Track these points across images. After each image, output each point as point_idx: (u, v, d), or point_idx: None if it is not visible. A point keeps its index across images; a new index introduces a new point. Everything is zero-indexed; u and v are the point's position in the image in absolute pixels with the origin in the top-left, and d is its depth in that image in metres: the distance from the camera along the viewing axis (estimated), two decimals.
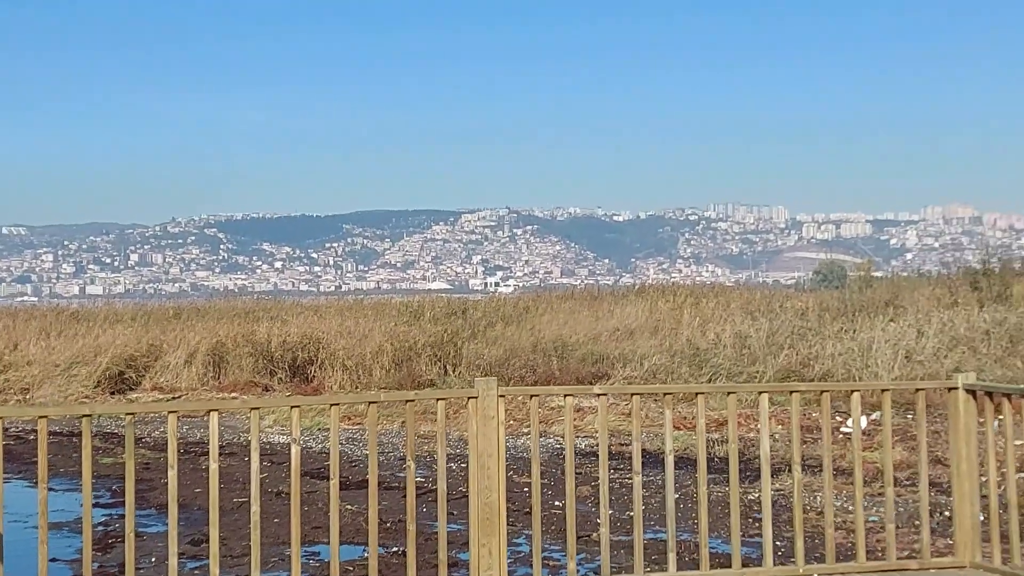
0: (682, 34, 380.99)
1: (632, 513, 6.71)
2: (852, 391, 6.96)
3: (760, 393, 6.56)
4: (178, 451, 17.53)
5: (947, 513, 10.49)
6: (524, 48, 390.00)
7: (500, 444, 6.08)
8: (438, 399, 6.22)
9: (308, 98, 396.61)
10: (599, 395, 6.33)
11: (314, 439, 18.44)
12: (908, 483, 11.35)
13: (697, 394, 6.33)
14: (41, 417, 5.73)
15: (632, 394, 6.41)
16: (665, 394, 6.29)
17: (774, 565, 6.90)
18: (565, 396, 6.43)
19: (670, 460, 6.41)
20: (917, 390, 7.27)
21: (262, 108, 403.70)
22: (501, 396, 6.16)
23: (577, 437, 17.08)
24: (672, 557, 6.56)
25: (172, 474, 5.68)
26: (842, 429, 15.54)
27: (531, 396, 6.39)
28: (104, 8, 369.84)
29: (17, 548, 7.81)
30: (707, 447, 14.34)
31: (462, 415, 16.07)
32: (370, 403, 6.26)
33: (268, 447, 17.71)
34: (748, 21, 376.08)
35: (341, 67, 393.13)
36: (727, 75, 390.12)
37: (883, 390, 7.00)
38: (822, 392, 6.91)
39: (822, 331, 23.28)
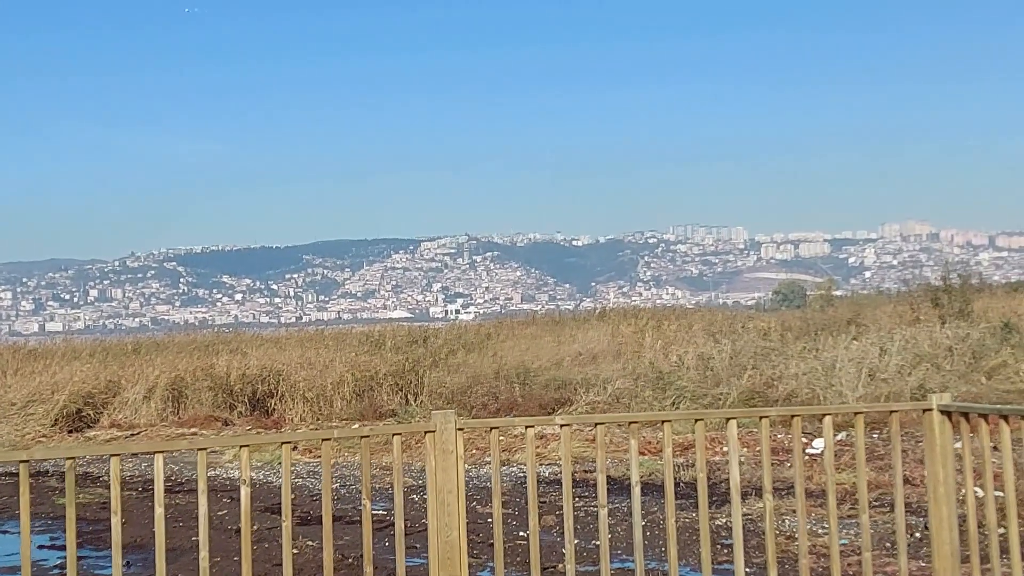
0: (637, 56, 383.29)
1: (599, 543, 6.50)
2: (824, 415, 6.74)
3: (728, 419, 6.35)
4: (136, 489, 17.13)
5: (918, 535, 10.37)
6: (478, 74, 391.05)
7: (460, 480, 5.84)
8: (393, 434, 5.95)
9: (264, 129, 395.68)
10: (562, 426, 6.10)
11: (275, 473, 18.12)
12: (877, 504, 11.23)
13: (663, 422, 6.11)
14: None
15: (596, 424, 6.19)
16: (630, 423, 6.06)
17: None
18: (527, 428, 6.19)
19: (636, 491, 6.20)
20: (892, 412, 7.05)
21: (218, 140, 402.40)
22: (460, 429, 5.88)
23: (541, 465, 16.89)
24: None
25: (115, 520, 5.43)
26: (808, 451, 15.43)
27: (490, 428, 6.12)
28: (55, 43, 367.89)
29: None
30: (673, 472, 14.15)
31: (423, 444, 15.89)
32: (323, 440, 6.02)
33: (228, 483, 17.41)
34: (702, 42, 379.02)
35: (295, 96, 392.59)
36: (682, 97, 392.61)
37: (856, 413, 6.80)
38: (792, 416, 6.69)
39: (785, 351, 23.22)
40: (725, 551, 10.04)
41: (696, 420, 6.27)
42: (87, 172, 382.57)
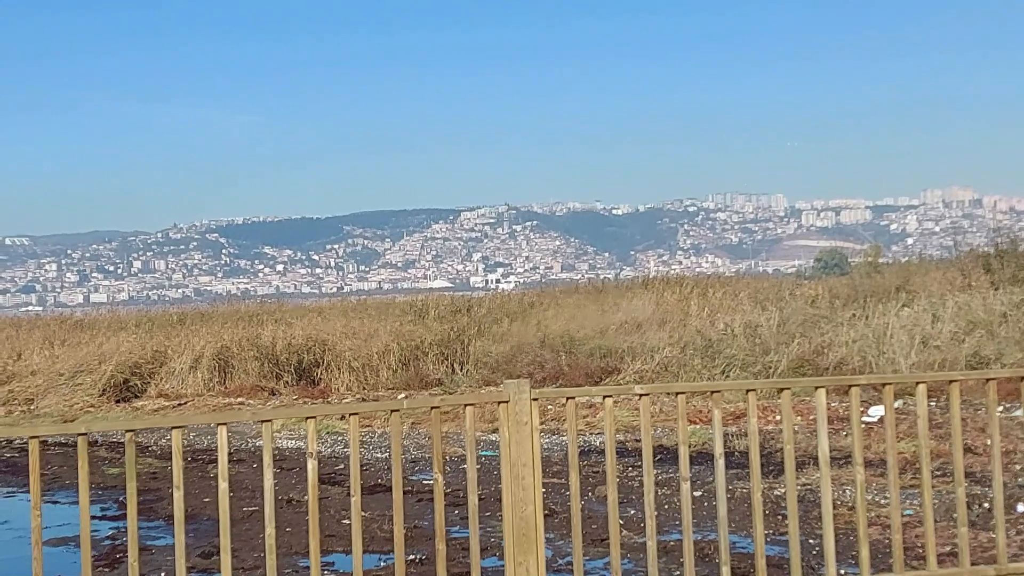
0: (679, 29, 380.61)
1: (656, 512, 6.33)
2: (884, 384, 6.52)
3: (817, 388, 6.13)
4: (186, 459, 17.18)
5: (986, 505, 10.17)
6: (518, 47, 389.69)
7: (535, 452, 5.65)
8: (466, 405, 5.76)
9: (305, 102, 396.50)
10: (641, 395, 5.92)
11: (323, 443, 18.09)
12: (940, 474, 11.01)
13: (748, 391, 5.93)
14: (32, 438, 5.37)
15: (677, 393, 6.01)
16: (712, 392, 5.88)
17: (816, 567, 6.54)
18: (604, 397, 6.00)
19: (720, 464, 6.02)
20: (951, 381, 6.79)
21: (259, 113, 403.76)
22: (534, 400, 5.68)
23: (591, 434, 16.76)
24: (726, 571, 6.15)
25: (178, 496, 5.34)
26: (864, 419, 15.22)
27: (567, 399, 5.93)
28: (97, 19, 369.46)
29: (20, 566, 7.51)
30: (726, 441, 13.97)
31: (479, 413, 15.78)
32: (392, 411, 5.87)
33: (277, 452, 17.31)
34: (743, 14, 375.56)
35: (337, 69, 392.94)
36: (721, 67, 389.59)
37: (918, 382, 6.58)
38: (851, 387, 6.47)
39: (834, 318, 22.92)
40: (783, 521, 9.89)
41: (781, 389, 6.07)
42: (130, 145, 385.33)
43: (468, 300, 38.87)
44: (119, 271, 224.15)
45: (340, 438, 18.15)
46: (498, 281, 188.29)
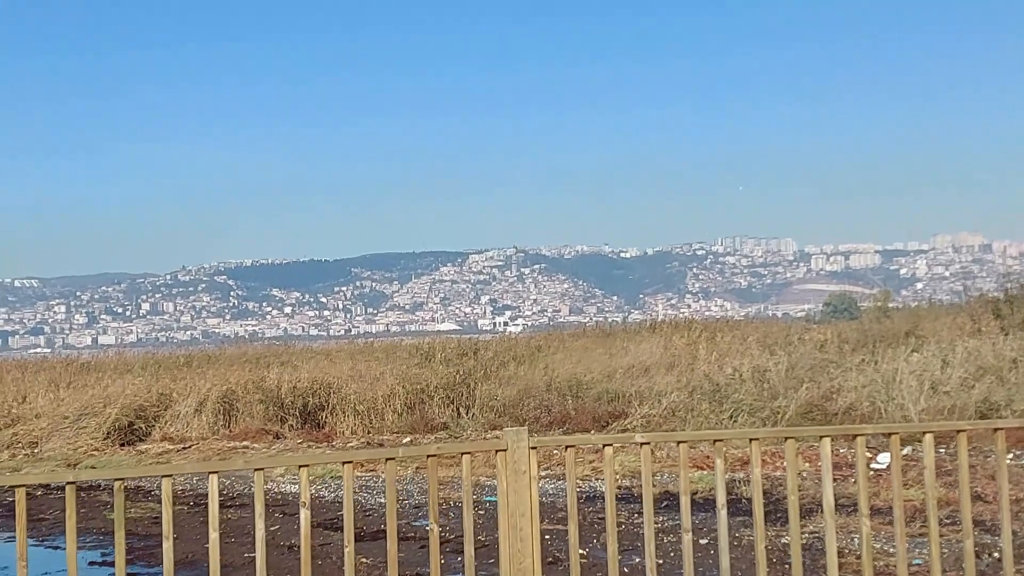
0: (685, 72, 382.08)
1: (661, 561, 6.18)
2: (890, 433, 6.40)
3: (822, 437, 6.00)
4: (187, 503, 17.00)
5: (996, 555, 10.00)
6: (527, 90, 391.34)
7: (534, 502, 5.50)
8: (463, 453, 5.62)
9: (314, 143, 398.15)
10: (642, 444, 5.79)
11: (326, 487, 17.93)
12: (948, 522, 10.84)
13: (752, 440, 5.80)
14: (19, 487, 5.24)
15: (679, 442, 5.88)
16: (715, 441, 5.75)
17: None
18: (605, 446, 5.85)
19: (723, 515, 5.88)
20: (959, 431, 6.65)
21: (268, 154, 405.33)
22: (533, 448, 5.52)
23: (597, 479, 16.58)
24: None
25: (167, 546, 5.21)
26: (872, 465, 15.05)
27: (567, 447, 5.79)
28: (104, 61, 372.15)
29: None
30: (730, 488, 13.79)
31: (483, 458, 15.59)
32: (388, 459, 5.75)
33: (280, 497, 17.22)
34: (752, 56, 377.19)
35: (346, 111, 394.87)
36: (731, 109, 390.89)
37: (924, 432, 6.44)
38: (856, 436, 6.33)
39: (843, 363, 22.77)
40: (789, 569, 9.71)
41: (786, 438, 5.94)
42: (139, 187, 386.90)
43: (475, 343, 38.72)
44: (127, 313, 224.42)
45: (341, 483, 17.99)
46: (506, 324, 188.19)
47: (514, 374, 28.70)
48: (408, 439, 23.64)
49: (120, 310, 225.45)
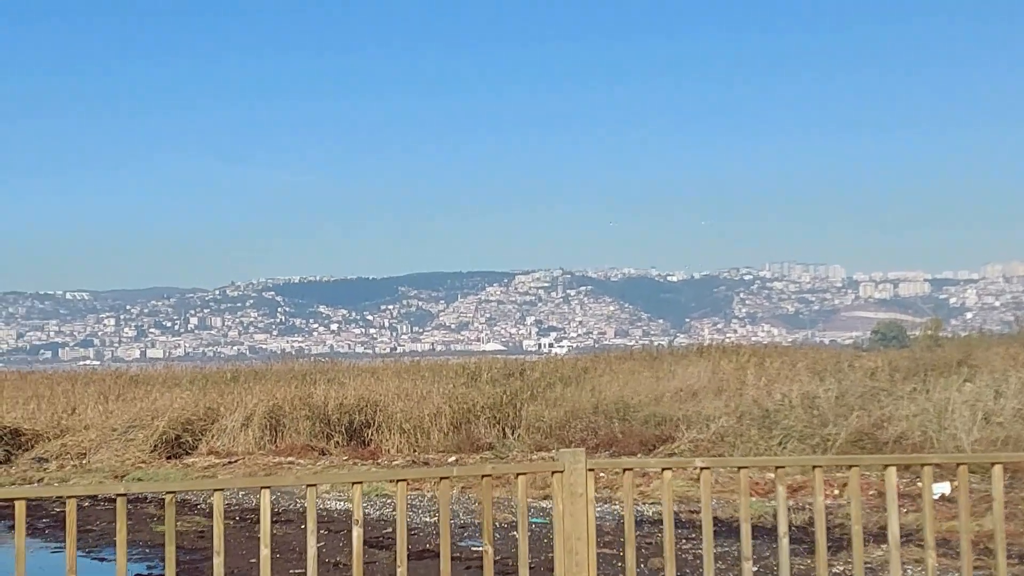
0: (734, 96, 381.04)
1: None
2: (959, 464, 6.26)
3: (887, 467, 5.88)
4: (233, 518, 17.01)
5: None
6: (577, 112, 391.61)
7: (590, 525, 5.41)
8: (518, 474, 5.53)
9: (362, 161, 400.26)
10: (702, 468, 5.69)
11: (372, 505, 17.90)
12: (1008, 555, 10.61)
13: (815, 467, 5.69)
14: (70, 497, 5.23)
15: (739, 468, 5.78)
16: (776, 468, 5.64)
17: None
18: (664, 470, 5.75)
19: (784, 543, 5.77)
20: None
21: (317, 172, 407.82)
22: (590, 470, 5.42)
23: (643, 503, 16.44)
24: None
25: (218, 562, 5.17)
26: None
27: (624, 470, 5.69)
28: (156, 76, 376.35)
29: None
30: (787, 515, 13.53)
31: (530, 479, 15.50)
32: (442, 479, 5.69)
33: (324, 513, 17.20)
34: (800, 81, 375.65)
35: (395, 130, 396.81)
36: (781, 135, 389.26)
37: (993, 463, 6.30)
38: (923, 465, 6.20)
39: (894, 391, 22.51)
40: None
41: (851, 466, 5.83)
42: (190, 202, 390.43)
43: (521, 364, 38.67)
44: (176, 327, 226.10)
45: (389, 500, 17.94)
46: (551, 345, 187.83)
47: (560, 395, 28.59)
48: (453, 458, 23.59)
49: (169, 324, 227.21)
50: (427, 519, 16.55)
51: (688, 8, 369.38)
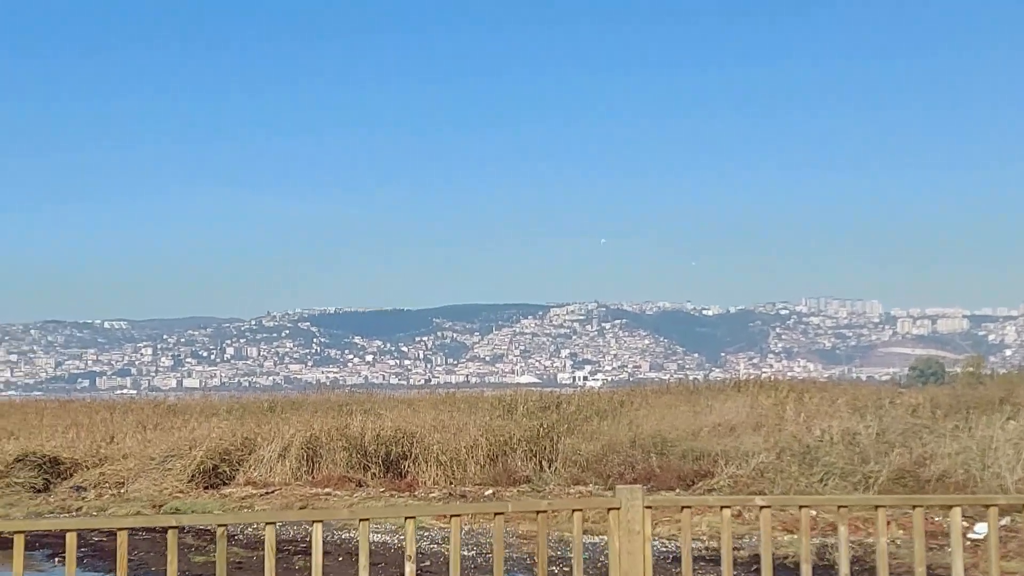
0: (775, 129, 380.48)
1: None
2: (988, 505, 6.16)
3: (952, 507, 5.78)
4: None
5: None
6: (614, 145, 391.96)
7: (647, 564, 5.35)
8: (574, 510, 5.47)
9: (400, 192, 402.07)
10: (762, 507, 5.62)
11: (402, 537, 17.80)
12: None
13: (878, 507, 5.61)
14: (121, 529, 5.23)
15: (800, 507, 5.71)
16: (839, 507, 5.57)
17: None
18: (722, 508, 5.68)
19: None
20: None
21: (353, 204, 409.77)
22: (648, 507, 5.36)
23: (678, 541, 16.31)
24: None
25: None
26: (969, 535, 14.63)
27: (682, 508, 5.62)
28: (203, 104, 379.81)
29: None
30: (820, 553, 13.45)
31: (564, 513, 15.42)
32: (497, 514, 5.65)
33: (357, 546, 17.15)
34: (840, 116, 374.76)
35: (432, 161, 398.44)
36: (817, 169, 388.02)
37: None
38: (989, 506, 6.08)
39: (936, 429, 22.25)
40: None
41: (914, 507, 5.75)
42: (227, 232, 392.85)
43: (557, 396, 38.53)
44: (212, 357, 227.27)
45: (425, 533, 17.89)
46: (585, 378, 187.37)
47: (597, 429, 28.45)
48: (490, 491, 23.52)
49: (205, 354, 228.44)
50: (464, 552, 16.49)
51: (724, 41, 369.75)
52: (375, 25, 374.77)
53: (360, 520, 5.43)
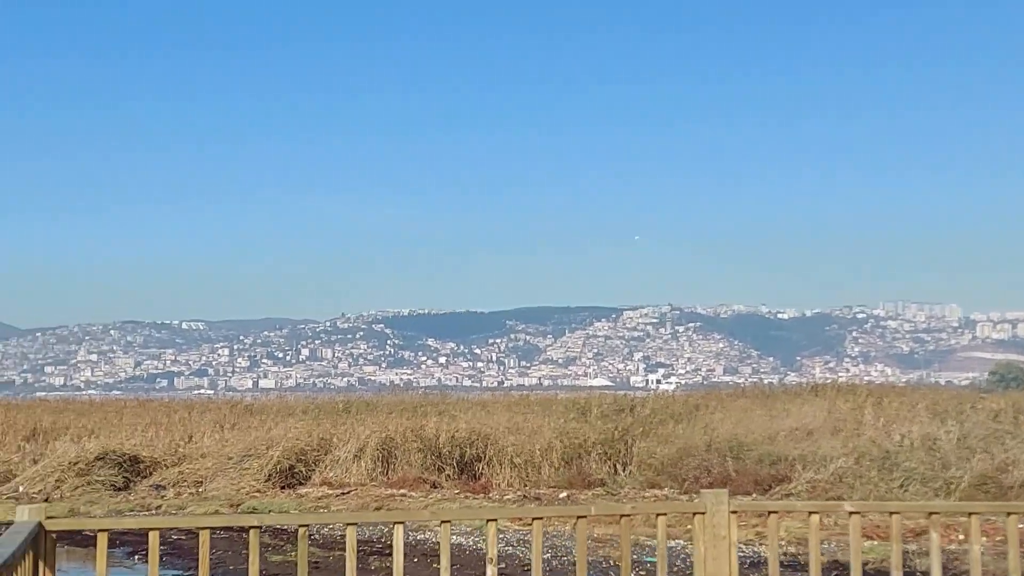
0: (852, 134, 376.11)
1: None
2: None
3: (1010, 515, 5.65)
4: (341, 548, 17.05)
5: None
6: (685, 148, 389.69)
7: (733, 570, 5.23)
8: (658, 515, 5.37)
9: (473, 195, 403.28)
10: (851, 513, 5.49)
11: (475, 539, 17.80)
12: None
13: (971, 514, 5.48)
14: (203, 528, 5.25)
15: (891, 513, 5.59)
16: (930, 513, 5.44)
17: None
18: (810, 514, 5.55)
19: None
20: None
21: (428, 206, 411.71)
22: (734, 512, 5.25)
23: (760, 544, 16.12)
24: None
25: None
26: None
27: (769, 513, 5.49)
28: (277, 108, 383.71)
29: None
30: (905, 560, 13.19)
31: (639, 517, 15.29)
32: (579, 517, 5.58)
33: (436, 547, 17.15)
34: (919, 118, 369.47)
35: (506, 164, 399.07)
36: (896, 172, 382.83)
37: None
38: None
39: (1019, 434, 21.82)
40: None
41: (1009, 514, 5.59)
42: (302, 235, 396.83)
43: (631, 400, 38.31)
44: (288, 358, 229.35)
45: (500, 536, 17.83)
46: (659, 382, 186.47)
47: (672, 432, 28.23)
48: (564, 494, 23.45)
49: (281, 355, 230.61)
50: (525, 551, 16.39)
51: (801, 44, 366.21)
52: (445, 30, 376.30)
53: (441, 522, 5.39)
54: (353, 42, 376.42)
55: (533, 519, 5.54)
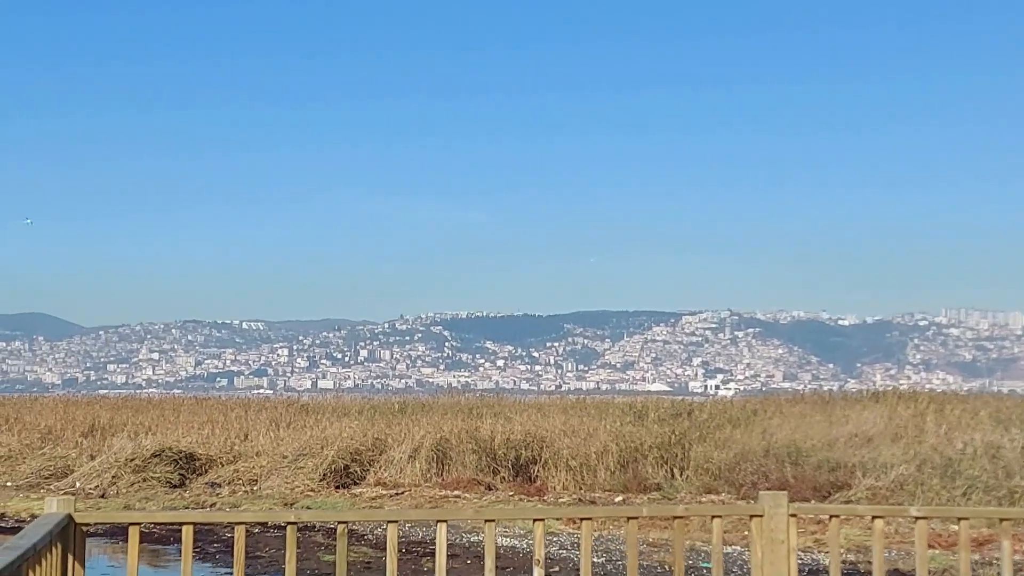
0: (914, 143, 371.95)
1: None
2: None
3: None
4: (399, 552, 17.00)
5: None
6: (745, 156, 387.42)
7: (792, 575, 5.01)
8: (713, 516, 5.14)
9: (532, 199, 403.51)
10: (917, 518, 5.25)
11: (527, 541, 17.60)
12: None
13: None
14: (238, 524, 5.13)
15: (959, 519, 5.34)
16: (1002, 520, 5.19)
17: None
18: (874, 518, 5.31)
19: None
20: None
21: (486, 211, 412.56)
22: (792, 516, 5.03)
23: (820, 551, 15.82)
24: None
25: None
26: None
27: (830, 516, 5.26)
28: (335, 114, 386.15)
29: None
30: (972, 569, 12.82)
31: (695, 522, 15.04)
32: (630, 519, 5.39)
33: (472, 547, 17.00)
34: (981, 124, 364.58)
35: (565, 169, 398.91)
36: (961, 178, 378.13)
37: None
38: None
39: None
40: None
41: None
42: (361, 237, 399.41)
43: (689, 404, 37.92)
44: (346, 359, 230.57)
45: (554, 539, 17.69)
46: (717, 387, 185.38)
47: (729, 437, 27.85)
48: (620, 498, 23.22)
49: (339, 355, 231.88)
50: (593, 559, 16.18)
51: (861, 54, 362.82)
52: (514, 35, 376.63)
53: (486, 521, 5.22)
54: (412, 46, 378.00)
55: (581, 520, 5.38)
